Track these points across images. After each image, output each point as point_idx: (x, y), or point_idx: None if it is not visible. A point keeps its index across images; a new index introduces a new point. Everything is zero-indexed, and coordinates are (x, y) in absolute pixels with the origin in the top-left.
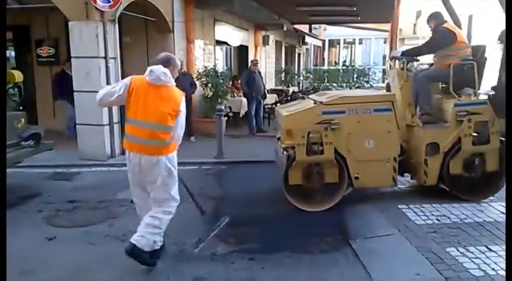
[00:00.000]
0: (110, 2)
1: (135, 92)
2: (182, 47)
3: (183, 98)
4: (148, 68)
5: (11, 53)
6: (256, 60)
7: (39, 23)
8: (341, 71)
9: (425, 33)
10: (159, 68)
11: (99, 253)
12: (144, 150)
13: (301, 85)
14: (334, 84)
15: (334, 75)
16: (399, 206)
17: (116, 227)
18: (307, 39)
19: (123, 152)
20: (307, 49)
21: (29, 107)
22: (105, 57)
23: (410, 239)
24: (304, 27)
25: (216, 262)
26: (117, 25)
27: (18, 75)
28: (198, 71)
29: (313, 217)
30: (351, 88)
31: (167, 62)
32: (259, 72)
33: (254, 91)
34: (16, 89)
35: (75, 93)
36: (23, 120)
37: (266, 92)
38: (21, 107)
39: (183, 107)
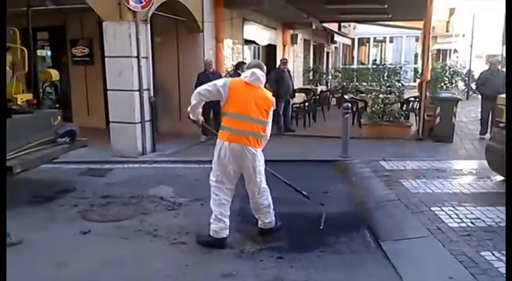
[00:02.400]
0: (142, 2)
1: (235, 91)
2: (211, 46)
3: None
4: (249, 71)
5: (47, 52)
6: (286, 59)
7: (74, 24)
8: (371, 69)
9: (458, 31)
10: (259, 71)
11: (131, 248)
12: (245, 141)
13: (329, 84)
14: (364, 84)
15: (364, 74)
16: (432, 208)
17: (147, 223)
18: (336, 37)
19: (153, 150)
20: (336, 48)
21: (65, 105)
22: (137, 57)
23: (443, 242)
24: (333, 26)
25: (245, 259)
26: (149, 25)
27: (54, 74)
28: (226, 70)
29: (343, 217)
30: (381, 87)
31: (261, 67)
32: (289, 71)
33: (283, 90)
34: (53, 88)
35: (108, 92)
36: (59, 117)
37: (294, 92)
38: (57, 105)
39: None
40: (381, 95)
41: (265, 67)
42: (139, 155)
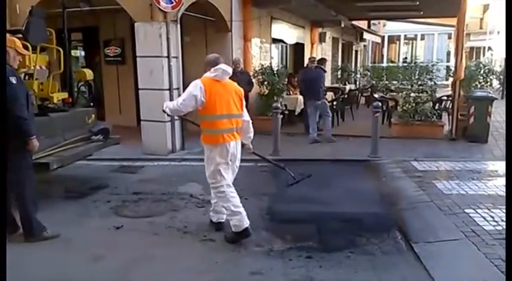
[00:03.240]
0: (172, 3)
1: (212, 92)
2: (239, 45)
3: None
4: (218, 67)
5: (80, 52)
6: (314, 57)
7: (107, 24)
8: (401, 68)
9: (492, 28)
10: (224, 64)
11: (162, 243)
12: (235, 137)
13: (358, 83)
14: (395, 82)
15: (394, 73)
16: (466, 210)
17: (177, 219)
18: (366, 35)
19: (182, 148)
20: (365, 46)
21: (98, 103)
22: (167, 57)
23: (477, 245)
24: (363, 24)
25: (274, 258)
26: (179, 25)
27: (89, 74)
28: (254, 69)
29: (374, 218)
30: (412, 86)
31: (221, 59)
32: None
33: None
34: (87, 87)
35: (139, 91)
36: (93, 116)
37: None
38: (91, 104)
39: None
40: (412, 94)
41: (221, 58)
42: (169, 153)
